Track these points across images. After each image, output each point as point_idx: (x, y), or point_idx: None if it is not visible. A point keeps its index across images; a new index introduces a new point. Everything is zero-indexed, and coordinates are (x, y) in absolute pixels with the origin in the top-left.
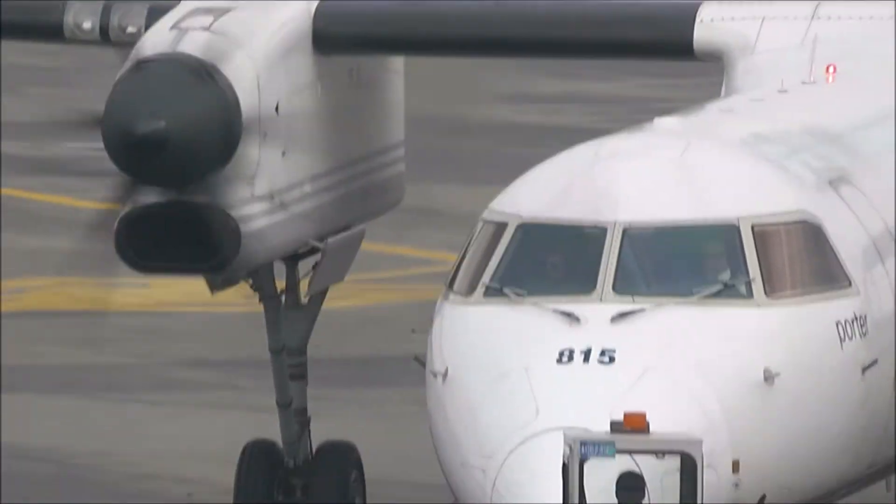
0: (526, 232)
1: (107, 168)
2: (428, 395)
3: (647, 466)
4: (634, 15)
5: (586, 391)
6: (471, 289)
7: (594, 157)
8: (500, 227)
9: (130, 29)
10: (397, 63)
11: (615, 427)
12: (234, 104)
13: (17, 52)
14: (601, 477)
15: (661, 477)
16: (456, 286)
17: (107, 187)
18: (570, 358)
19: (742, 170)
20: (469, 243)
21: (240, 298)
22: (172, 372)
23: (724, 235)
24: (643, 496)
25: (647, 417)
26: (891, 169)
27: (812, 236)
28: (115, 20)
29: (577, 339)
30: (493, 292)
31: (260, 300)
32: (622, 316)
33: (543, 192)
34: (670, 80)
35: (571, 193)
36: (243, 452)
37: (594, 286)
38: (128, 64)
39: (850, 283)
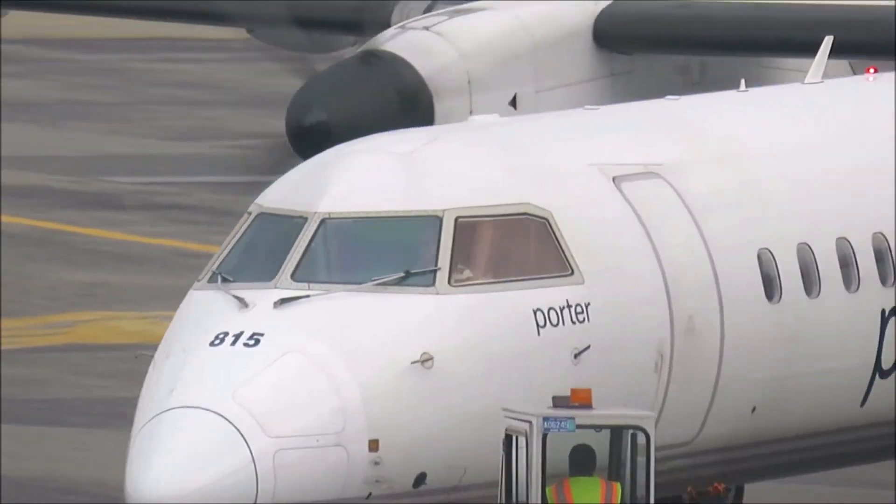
0: (258, 221)
1: (153, 202)
2: None
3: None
4: (842, 18)
5: (221, 372)
6: (204, 275)
7: (337, 152)
8: (247, 217)
9: None
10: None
11: (557, 402)
12: (422, 97)
13: (62, 87)
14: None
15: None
16: (202, 273)
17: None
18: (222, 341)
19: (473, 165)
20: None
21: None
22: None
23: (426, 226)
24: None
25: (281, 397)
26: (780, 173)
27: (532, 228)
28: None
29: (236, 323)
30: (214, 278)
31: None
32: (284, 302)
33: (285, 185)
34: None
35: (301, 186)
36: None
37: (277, 273)
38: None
39: (571, 273)
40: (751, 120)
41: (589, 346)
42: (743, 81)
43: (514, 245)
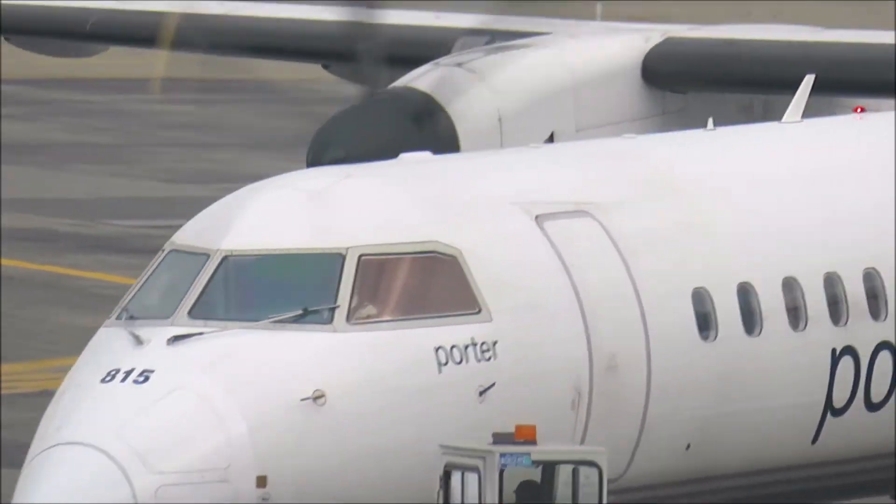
0: (170, 258)
1: (159, 245)
2: None
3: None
4: (845, 57)
5: (108, 409)
6: (114, 312)
7: (249, 189)
8: (161, 254)
9: None
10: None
11: (498, 438)
12: (445, 134)
13: (66, 129)
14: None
15: None
16: (114, 310)
17: None
18: (113, 377)
19: (383, 203)
20: None
21: None
22: None
23: (328, 264)
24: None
25: (166, 433)
26: (716, 207)
27: (440, 266)
28: None
29: (128, 360)
30: (123, 314)
31: None
32: (177, 339)
33: (199, 221)
34: None
35: (212, 222)
36: None
37: (175, 310)
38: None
39: (479, 311)
40: (705, 159)
41: (494, 384)
42: (711, 120)
43: (420, 283)
